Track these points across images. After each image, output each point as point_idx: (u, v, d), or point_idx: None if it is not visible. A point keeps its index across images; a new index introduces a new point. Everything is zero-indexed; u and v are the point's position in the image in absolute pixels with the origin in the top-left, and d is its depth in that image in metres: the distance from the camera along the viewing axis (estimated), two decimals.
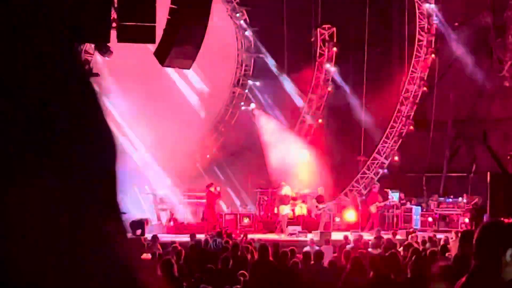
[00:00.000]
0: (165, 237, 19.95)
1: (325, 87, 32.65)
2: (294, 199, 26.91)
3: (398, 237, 21.81)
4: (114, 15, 19.19)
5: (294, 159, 30.73)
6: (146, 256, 14.07)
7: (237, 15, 30.41)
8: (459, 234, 11.66)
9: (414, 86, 31.41)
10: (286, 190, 26.83)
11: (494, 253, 4.14)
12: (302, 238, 23.24)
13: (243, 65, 32.07)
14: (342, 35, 31.78)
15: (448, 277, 6.40)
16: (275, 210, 27.26)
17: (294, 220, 26.46)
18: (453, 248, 14.37)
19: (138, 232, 22.06)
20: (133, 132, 28.36)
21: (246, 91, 32.36)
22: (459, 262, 10.22)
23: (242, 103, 32.47)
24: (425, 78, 31.37)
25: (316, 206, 27.25)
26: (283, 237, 24.35)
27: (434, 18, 30.83)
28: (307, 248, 16.49)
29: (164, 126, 28.12)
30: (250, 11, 30.44)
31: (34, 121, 0.95)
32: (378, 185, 28.31)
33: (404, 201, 29.52)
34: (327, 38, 32.25)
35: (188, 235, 19.14)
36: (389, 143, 31.60)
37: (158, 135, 27.46)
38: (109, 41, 20.17)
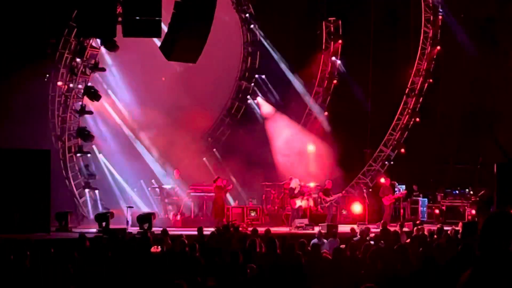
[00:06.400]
0: (172, 231, 19.99)
1: (331, 79, 32.64)
2: (303, 191, 26.93)
3: (405, 229, 21.81)
4: (119, 9, 19.21)
5: (301, 152, 30.77)
6: (156, 249, 14.13)
7: (243, 8, 30.39)
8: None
9: (420, 78, 31.37)
10: (294, 183, 26.88)
11: (499, 244, 4.14)
12: (309, 231, 23.28)
13: (249, 58, 32.07)
14: (348, 27, 31.73)
15: None
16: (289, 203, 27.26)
17: (301, 213, 26.49)
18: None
19: (145, 226, 22.13)
20: (138, 125, 28.46)
21: (252, 84, 32.37)
22: (463, 253, 10.26)
23: (248, 97, 32.51)
24: (431, 70, 31.32)
25: (323, 199, 27.27)
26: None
27: (440, 10, 30.77)
28: (314, 241, 16.52)
29: (169, 119, 28.21)
30: (255, 4, 30.44)
31: None
32: (388, 178, 28.18)
33: (417, 193, 29.53)
34: (332, 30, 32.23)
35: (195, 229, 19.19)
36: (396, 136, 31.58)
37: (163, 128, 27.55)
38: (115, 36, 20.21)
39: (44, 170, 22.58)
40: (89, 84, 24.84)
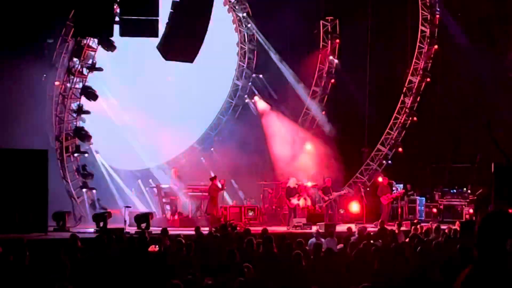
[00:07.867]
0: (170, 231, 19.97)
1: (329, 79, 32.63)
2: (300, 190, 26.91)
3: (402, 228, 21.83)
4: (117, 9, 19.19)
5: (298, 151, 30.75)
6: (154, 248, 14.14)
7: (240, 7, 30.38)
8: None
9: (417, 77, 31.39)
10: (292, 183, 26.88)
11: (495, 243, 4.13)
12: (307, 231, 23.27)
13: (246, 58, 32.07)
14: (345, 26, 31.72)
15: None
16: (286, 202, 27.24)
17: (298, 212, 26.49)
18: None
19: (143, 225, 22.10)
20: (136, 125, 28.44)
21: (249, 84, 32.36)
22: (461, 252, 10.27)
23: (245, 96, 32.50)
24: (429, 69, 31.35)
25: (322, 198, 27.26)
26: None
27: (437, 9, 30.78)
28: (312, 240, 16.53)
29: (167, 119, 28.21)
30: (252, 3, 30.42)
31: None
32: (386, 177, 28.21)
33: (411, 192, 29.54)
34: (330, 30, 32.22)
35: (193, 228, 19.18)
36: (393, 135, 31.60)
37: (161, 128, 27.54)
38: (112, 35, 20.19)
39: (41, 170, 22.52)
40: (87, 84, 24.82)
